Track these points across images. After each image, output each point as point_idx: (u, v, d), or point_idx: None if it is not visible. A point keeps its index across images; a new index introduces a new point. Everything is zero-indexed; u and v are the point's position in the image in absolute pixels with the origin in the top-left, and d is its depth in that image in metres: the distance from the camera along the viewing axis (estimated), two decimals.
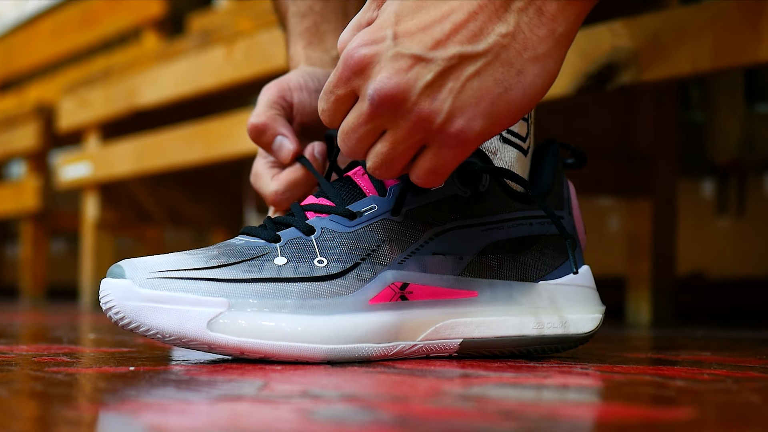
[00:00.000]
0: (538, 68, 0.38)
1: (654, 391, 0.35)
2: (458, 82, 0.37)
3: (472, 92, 0.37)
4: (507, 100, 0.38)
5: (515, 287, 0.46)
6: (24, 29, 2.16)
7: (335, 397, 0.32)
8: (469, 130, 0.38)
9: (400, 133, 0.39)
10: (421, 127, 0.38)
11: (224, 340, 0.41)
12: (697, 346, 0.59)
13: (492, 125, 0.38)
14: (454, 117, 0.38)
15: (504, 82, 0.37)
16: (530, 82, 0.38)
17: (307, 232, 0.44)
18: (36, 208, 1.67)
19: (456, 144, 0.38)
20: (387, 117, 0.39)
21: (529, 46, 0.37)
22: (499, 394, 0.33)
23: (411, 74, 0.37)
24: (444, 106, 0.38)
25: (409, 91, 0.38)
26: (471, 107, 0.38)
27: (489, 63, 0.37)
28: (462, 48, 0.37)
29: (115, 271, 0.42)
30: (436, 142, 0.39)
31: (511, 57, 0.37)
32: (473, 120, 0.38)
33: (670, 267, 0.90)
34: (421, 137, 0.39)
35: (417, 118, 0.38)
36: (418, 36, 0.38)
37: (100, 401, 0.31)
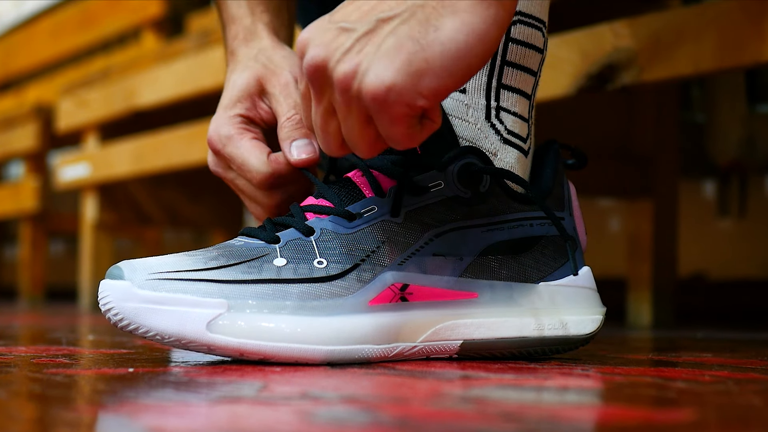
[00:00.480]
0: (457, 23, 0.37)
1: (655, 392, 0.34)
2: (374, 44, 0.37)
3: (386, 50, 0.37)
4: (425, 57, 0.37)
5: (516, 288, 0.46)
6: (23, 29, 2.16)
7: (335, 399, 0.32)
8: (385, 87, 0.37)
9: (339, 109, 0.39)
10: (345, 94, 0.38)
11: (224, 341, 0.41)
12: (698, 348, 0.59)
13: (414, 83, 0.37)
14: (367, 76, 0.37)
15: (420, 40, 0.37)
16: (449, 36, 0.37)
17: (307, 233, 0.44)
18: (35, 209, 1.67)
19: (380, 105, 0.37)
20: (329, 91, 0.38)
21: (448, 4, 0.37)
22: (500, 395, 0.33)
23: (333, 43, 0.38)
24: (360, 67, 0.37)
25: (329, 58, 0.38)
26: (384, 64, 0.37)
27: (404, 21, 0.37)
28: (382, 14, 0.38)
29: (114, 272, 0.42)
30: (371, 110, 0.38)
31: (428, 15, 0.37)
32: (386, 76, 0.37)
33: (671, 268, 0.90)
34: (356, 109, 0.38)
35: (338, 84, 0.38)
36: (348, 12, 0.38)
37: (99, 403, 0.31)
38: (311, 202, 0.46)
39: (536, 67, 0.47)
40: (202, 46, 1.13)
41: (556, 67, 0.68)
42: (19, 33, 2.18)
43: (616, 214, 1.29)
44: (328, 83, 0.39)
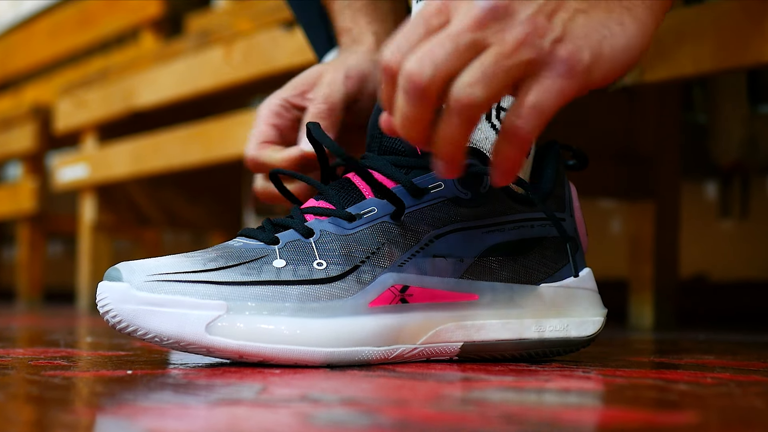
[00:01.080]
0: (637, 27, 0.37)
1: (656, 395, 0.34)
2: (567, 12, 0.36)
3: (581, 25, 0.36)
4: (612, 44, 0.36)
5: (516, 290, 0.46)
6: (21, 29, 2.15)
7: (334, 401, 0.31)
8: (578, 58, 0.36)
9: (508, 46, 0.35)
10: (532, 41, 0.35)
11: (223, 343, 0.41)
12: (700, 350, 0.59)
13: (597, 64, 0.36)
14: (564, 40, 0.36)
15: (608, 27, 0.37)
16: (632, 34, 0.37)
17: (306, 235, 0.44)
18: (33, 210, 1.67)
19: (564, 72, 0.35)
20: (495, 29, 0.35)
21: (630, 5, 0.37)
22: (500, 397, 0.33)
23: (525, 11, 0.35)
24: (556, 26, 0.36)
25: (522, 6, 0.35)
26: (580, 38, 0.36)
27: (592, 5, 0.37)
28: None
29: (112, 274, 0.42)
30: (545, 66, 0.35)
31: (612, 6, 0.37)
32: (582, 50, 0.36)
33: (672, 269, 0.90)
34: (530, 57, 0.35)
35: (530, 30, 0.35)
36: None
37: (97, 405, 0.31)
38: (311, 203, 0.46)
39: None
40: (202, 46, 1.13)
41: None
42: (17, 33, 2.17)
43: (617, 215, 1.29)
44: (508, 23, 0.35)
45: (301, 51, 0.92)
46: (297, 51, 0.95)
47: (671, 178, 0.90)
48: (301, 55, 0.93)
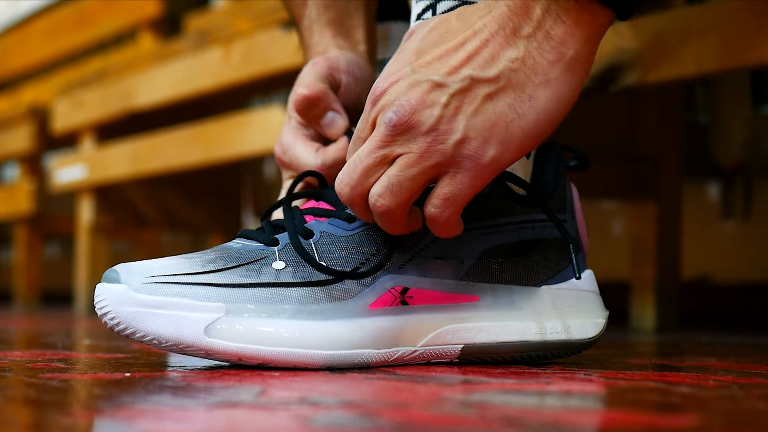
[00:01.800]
0: (549, 93, 0.39)
1: (658, 397, 0.34)
2: (472, 104, 0.39)
3: (486, 116, 0.39)
4: (521, 126, 0.39)
5: (517, 292, 0.45)
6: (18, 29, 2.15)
7: (334, 404, 0.31)
8: (483, 153, 0.39)
9: (413, 156, 0.39)
10: (435, 148, 0.39)
11: (222, 346, 0.41)
12: (702, 352, 0.59)
13: (506, 151, 0.39)
14: (468, 138, 0.39)
15: (517, 108, 0.39)
16: (543, 106, 0.39)
17: (306, 236, 0.43)
18: (30, 211, 1.66)
19: (470, 167, 0.39)
20: (401, 141, 0.39)
21: (539, 71, 0.38)
22: (501, 400, 0.33)
23: (428, 97, 0.39)
24: (459, 126, 0.39)
25: (426, 113, 0.39)
26: (485, 130, 0.39)
27: (501, 88, 0.38)
28: (474, 72, 0.39)
29: (110, 275, 0.41)
30: (451, 165, 0.39)
31: (521, 82, 0.38)
32: (487, 143, 0.39)
33: (674, 271, 0.90)
34: (435, 161, 0.39)
35: (432, 139, 0.39)
36: (435, 65, 0.39)
37: (96, 408, 0.31)
38: (311, 204, 0.45)
39: None
40: (200, 46, 1.13)
41: None
42: (14, 33, 2.17)
43: (618, 217, 1.28)
44: (413, 135, 0.39)
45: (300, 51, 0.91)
46: (296, 51, 0.94)
47: (673, 179, 0.90)
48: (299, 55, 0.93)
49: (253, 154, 1.07)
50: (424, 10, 0.45)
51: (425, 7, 0.45)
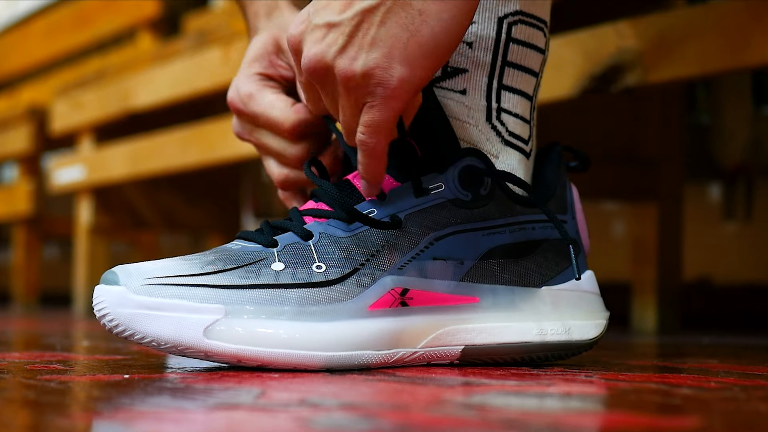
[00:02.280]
0: (439, 4, 0.39)
1: (660, 399, 0.34)
2: (367, 36, 0.39)
3: (381, 41, 0.39)
4: (418, 42, 0.39)
5: (517, 293, 0.45)
6: (16, 30, 2.15)
7: (334, 406, 0.31)
8: (389, 77, 0.39)
9: (341, 100, 0.41)
10: (347, 86, 0.40)
11: (221, 347, 0.41)
12: (703, 354, 0.59)
13: (412, 70, 0.39)
14: (370, 69, 0.39)
15: (409, 26, 0.39)
16: (436, 18, 0.39)
17: (305, 237, 0.43)
18: (28, 212, 1.66)
19: (383, 93, 0.40)
20: (323, 87, 0.41)
21: None
22: (502, 402, 0.33)
23: (325, 41, 0.40)
24: (358, 61, 0.39)
25: (326, 57, 0.40)
26: (383, 56, 0.39)
27: (389, 9, 0.39)
28: (363, 4, 0.39)
29: (108, 277, 0.41)
30: (367, 96, 0.40)
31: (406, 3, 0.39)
32: (390, 67, 0.39)
33: (676, 272, 0.89)
34: (355, 97, 0.40)
35: (341, 79, 0.40)
36: (328, 7, 0.40)
37: (94, 410, 0.31)
38: (310, 205, 0.45)
39: (538, 67, 0.47)
40: (199, 46, 1.13)
41: (559, 68, 0.68)
42: (12, 33, 2.17)
43: (620, 218, 1.28)
44: (327, 80, 0.41)
45: None
46: None
47: (674, 179, 0.90)
48: None
49: (252, 155, 1.07)
50: None
51: None
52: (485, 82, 0.45)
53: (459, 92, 0.45)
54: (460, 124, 0.45)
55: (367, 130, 0.41)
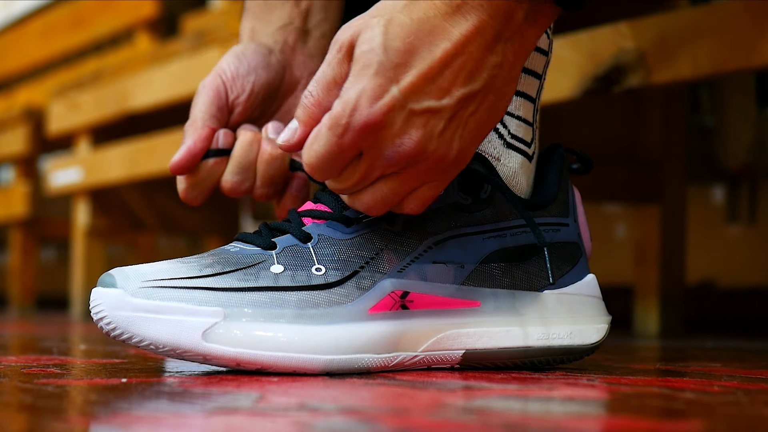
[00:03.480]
0: (514, 86, 0.40)
1: (662, 403, 0.34)
2: (462, 121, 0.39)
3: (473, 127, 0.40)
4: (494, 121, 0.40)
5: (519, 297, 0.45)
6: (12, 30, 2.14)
7: (334, 410, 0.31)
8: (465, 156, 0.40)
9: (409, 178, 0.40)
10: (433, 169, 0.40)
11: (220, 351, 0.40)
12: (706, 357, 0.59)
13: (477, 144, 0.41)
14: (458, 153, 0.40)
15: (492, 109, 0.40)
16: (508, 99, 0.40)
17: (304, 240, 0.43)
18: (25, 214, 1.66)
19: (454, 172, 0.41)
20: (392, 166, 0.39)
21: (511, 69, 0.39)
22: (503, 406, 0.33)
23: (428, 128, 0.39)
24: (453, 146, 0.39)
25: (427, 145, 0.39)
26: (470, 139, 0.40)
27: (485, 96, 0.39)
28: (464, 89, 0.39)
29: (106, 280, 0.41)
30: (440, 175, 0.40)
31: (500, 85, 0.39)
32: (470, 147, 0.40)
33: (679, 275, 0.89)
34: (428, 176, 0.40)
35: (432, 163, 0.39)
36: (426, 89, 0.38)
37: (91, 414, 0.30)
38: (309, 207, 0.45)
39: (541, 69, 0.46)
40: (197, 47, 1.12)
41: (562, 69, 0.67)
42: (8, 34, 2.16)
43: (622, 220, 1.28)
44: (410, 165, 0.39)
45: None
46: None
47: (677, 182, 0.89)
48: None
49: None
50: None
51: None
52: None
53: None
54: None
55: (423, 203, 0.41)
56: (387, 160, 0.39)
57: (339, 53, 0.39)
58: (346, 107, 0.38)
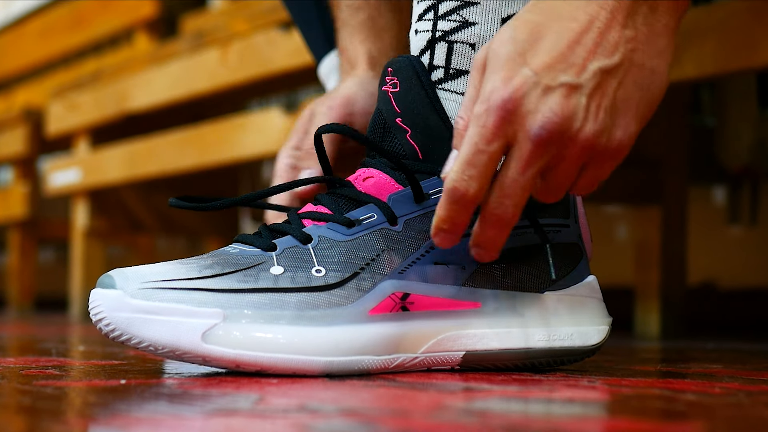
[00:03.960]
0: (663, 61, 0.40)
1: (663, 405, 0.34)
2: (608, 97, 0.39)
3: (621, 103, 0.39)
4: (648, 99, 0.40)
5: (519, 298, 0.45)
6: (11, 30, 2.14)
7: (333, 412, 0.31)
8: (627, 139, 0.40)
9: (566, 164, 0.39)
10: (587, 151, 0.39)
11: (219, 352, 0.40)
12: (708, 359, 0.59)
13: (638, 127, 0.40)
14: (613, 131, 0.39)
15: (642, 84, 0.39)
16: (661, 76, 0.40)
17: (304, 241, 0.43)
18: (24, 215, 1.66)
19: (617, 154, 0.40)
20: (552, 153, 0.39)
21: (651, 43, 0.39)
22: (504, 408, 0.32)
23: (569, 103, 0.38)
24: (605, 124, 0.39)
25: (573, 119, 0.38)
26: (624, 117, 0.39)
27: (627, 71, 0.39)
28: (600, 63, 0.38)
29: (105, 281, 0.41)
30: (599, 158, 0.40)
31: (641, 59, 0.39)
32: (629, 127, 0.39)
33: (680, 277, 0.89)
34: (586, 160, 0.40)
35: (583, 144, 0.39)
36: (559, 66, 0.38)
37: (90, 416, 0.30)
38: (309, 208, 0.45)
39: None
40: (197, 47, 1.12)
41: None
42: (7, 34, 2.16)
43: (623, 221, 1.28)
44: (562, 144, 0.39)
45: (299, 52, 0.91)
46: (294, 52, 0.95)
47: (679, 182, 0.89)
48: (298, 56, 0.93)
49: (250, 157, 1.07)
50: (426, 11, 0.45)
51: (426, 8, 0.45)
52: None
53: (461, 94, 0.45)
54: None
55: (588, 188, 0.40)
56: (535, 138, 0.38)
57: (476, 71, 0.40)
58: (482, 98, 0.38)
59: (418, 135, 0.44)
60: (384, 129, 0.45)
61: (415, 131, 0.44)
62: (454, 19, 0.44)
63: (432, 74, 0.45)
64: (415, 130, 0.44)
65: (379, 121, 0.45)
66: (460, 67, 0.45)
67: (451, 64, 0.44)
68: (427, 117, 0.44)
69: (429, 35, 0.45)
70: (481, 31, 0.44)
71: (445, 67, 0.44)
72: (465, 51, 0.44)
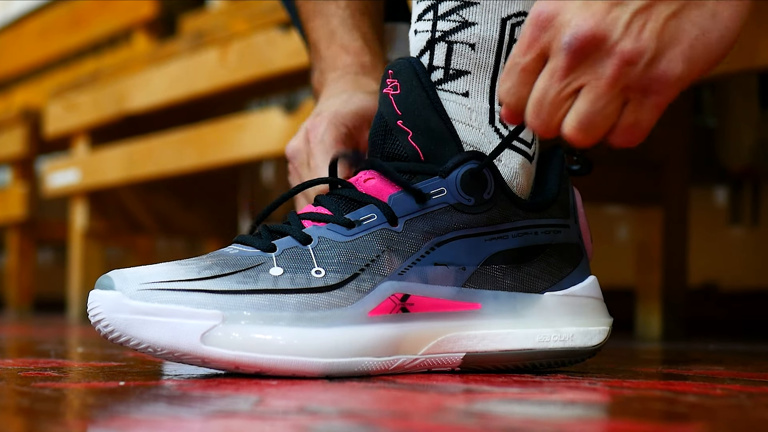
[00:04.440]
0: (731, 10, 0.38)
1: (665, 406, 0.34)
2: (657, 22, 0.37)
3: (672, 33, 0.37)
4: (704, 43, 0.38)
5: (520, 299, 0.45)
6: (10, 30, 2.14)
7: (333, 414, 0.31)
8: (671, 73, 0.37)
9: (602, 83, 0.37)
10: (624, 70, 0.37)
11: (218, 354, 0.40)
12: (709, 360, 0.58)
13: (691, 69, 0.38)
14: (657, 57, 0.37)
15: (700, 25, 0.38)
16: (725, 25, 0.38)
17: (304, 242, 0.43)
18: (22, 216, 1.66)
19: (659, 90, 0.38)
20: (586, 66, 0.37)
21: None
22: (504, 410, 0.32)
23: (609, 15, 0.37)
24: (649, 44, 0.37)
25: (609, 31, 0.37)
26: (671, 48, 0.37)
27: (683, 5, 0.37)
28: None
29: (104, 282, 0.41)
30: (639, 89, 0.38)
31: None
32: (674, 61, 0.37)
33: (681, 278, 0.89)
34: (624, 85, 0.37)
35: (620, 60, 0.37)
36: None
37: (89, 418, 0.30)
38: (309, 209, 0.45)
39: None
40: (196, 47, 1.12)
41: None
42: (6, 34, 2.16)
43: (624, 222, 1.28)
44: (598, 57, 0.37)
45: (298, 52, 0.91)
46: (294, 52, 0.95)
47: (680, 183, 0.89)
48: (298, 56, 0.93)
49: (250, 158, 1.07)
50: (425, 11, 0.45)
51: (426, 8, 0.45)
52: (488, 84, 0.45)
53: (461, 95, 0.45)
54: (462, 126, 0.45)
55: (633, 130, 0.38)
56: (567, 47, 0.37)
57: None
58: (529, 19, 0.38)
59: (420, 136, 0.44)
60: (385, 132, 0.45)
61: (417, 133, 0.44)
62: (453, 19, 0.44)
63: (432, 75, 0.45)
64: (416, 131, 0.44)
65: (381, 124, 0.45)
66: (460, 67, 0.44)
67: (450, 64, 0.44)
68: (427, 118, 0.44)
69: (428, 35, 0.45)
70: (481, 32, 0.44)
71: (445, 67, 0.44)
72: (465, 51, 0.44)
